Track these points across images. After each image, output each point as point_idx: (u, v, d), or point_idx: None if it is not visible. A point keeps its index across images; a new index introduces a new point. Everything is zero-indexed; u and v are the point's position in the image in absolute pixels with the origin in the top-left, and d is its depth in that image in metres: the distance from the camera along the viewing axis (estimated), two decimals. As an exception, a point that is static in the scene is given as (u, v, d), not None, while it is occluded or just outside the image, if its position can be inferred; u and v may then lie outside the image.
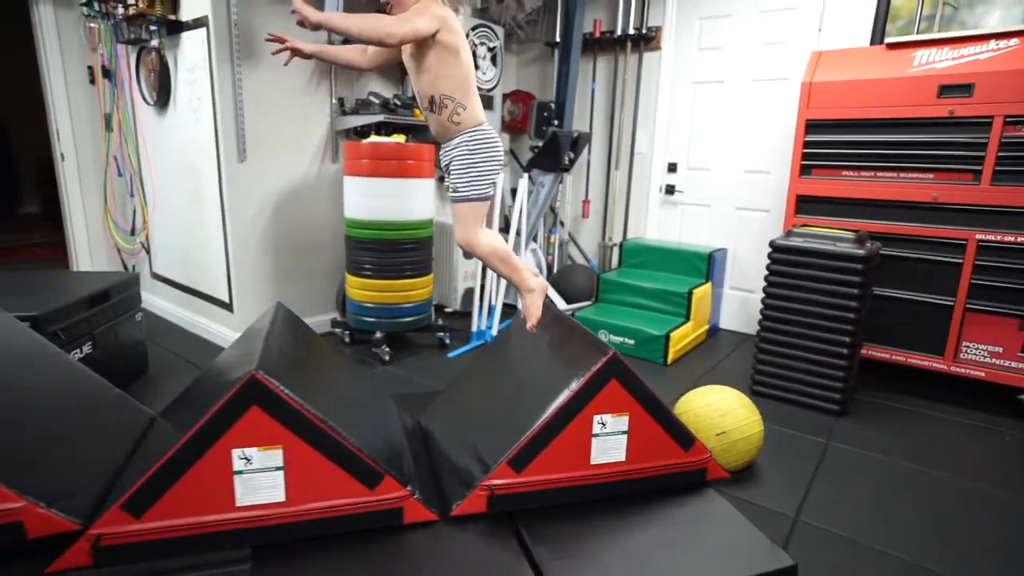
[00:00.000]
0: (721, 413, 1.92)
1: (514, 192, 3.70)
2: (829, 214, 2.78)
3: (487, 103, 3.66)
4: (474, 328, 3.35)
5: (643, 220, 4.05)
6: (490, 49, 3.56)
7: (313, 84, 3.09)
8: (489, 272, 3.47)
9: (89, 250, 4.16)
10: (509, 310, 3.76)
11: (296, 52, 1.71)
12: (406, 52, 1.69)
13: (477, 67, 3.51)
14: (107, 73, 3.40)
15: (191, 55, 2.82)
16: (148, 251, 3.58)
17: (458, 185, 1.70)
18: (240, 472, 1.27)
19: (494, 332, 3.31)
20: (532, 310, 1.75)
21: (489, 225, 2.98)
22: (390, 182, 2.84)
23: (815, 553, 1.57)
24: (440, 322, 3.28)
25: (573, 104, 3.53)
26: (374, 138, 2.98)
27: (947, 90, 2.41)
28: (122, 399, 1.70)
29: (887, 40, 2.67)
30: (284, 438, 1.29)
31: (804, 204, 2.84)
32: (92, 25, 3.44)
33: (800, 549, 1.59)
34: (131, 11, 2.79)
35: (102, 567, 1.21)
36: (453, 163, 1.71)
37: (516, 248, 3.62)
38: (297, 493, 1.32)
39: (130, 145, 3.45)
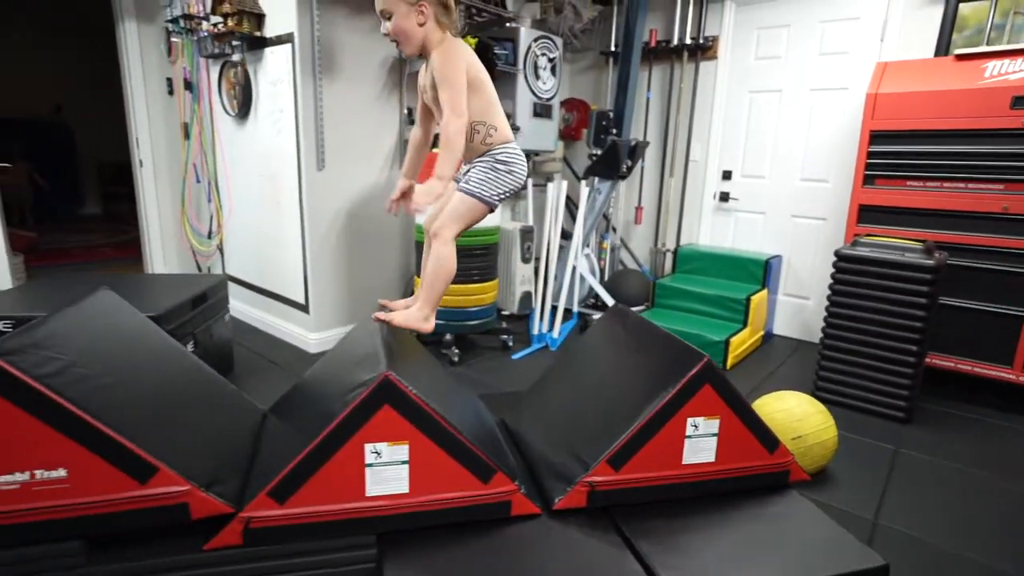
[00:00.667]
0: (797, 418, 1.99)
1: (568, 200, 3.80)
2: (893, 223, 2.81)
3: (546, 112, 3.76)
4: (535, 331, 3.45)
5: (696, 227, 4.11)
6: (550, 60, 3.66)
7: (384, 95, 3.22)
8: (540, 277, 3.57)
9: (162, 251, 4.38)
10: (566, 314, 3.85)
11: (409, 192, 1.80)
12: (428, 95, 1.69)
13: (538, 77, 3.61)
14: (188, 85, 3.59)
15: (273, 69, 2.97)
16: (222, 253, 3.76)
17: (472, 178, 1.69)
18: (371, 465, 1.38)
19: (555, 335, 3.41)
20: (401, 317, 1.74)
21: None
22: (459, 190, 2.96)
23: (898, 555, 1.64)
24: (505, 325, 3.39)
25: (632, 113, 3.61)
26: (436, 150, 3.09)
27: (1021, 101, 2.43)
28: (238, 395, 1.84)
29: (956, 51, 2.69)
30: (411, 435, 1.40)
31: (867, 213, 2.88)
32: (175, 40, 3.63)
33: (883, 551, 1.65)
34: (220, 29, 2.95)
35: (250, 547, 1.34)
36: (476, 166, 1.71)
37: (566, 253, 3.71)
38: (419, 485, 1.43)
39: (208, 153, 3.63)
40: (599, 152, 3.66)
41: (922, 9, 3.01)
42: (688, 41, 3.82)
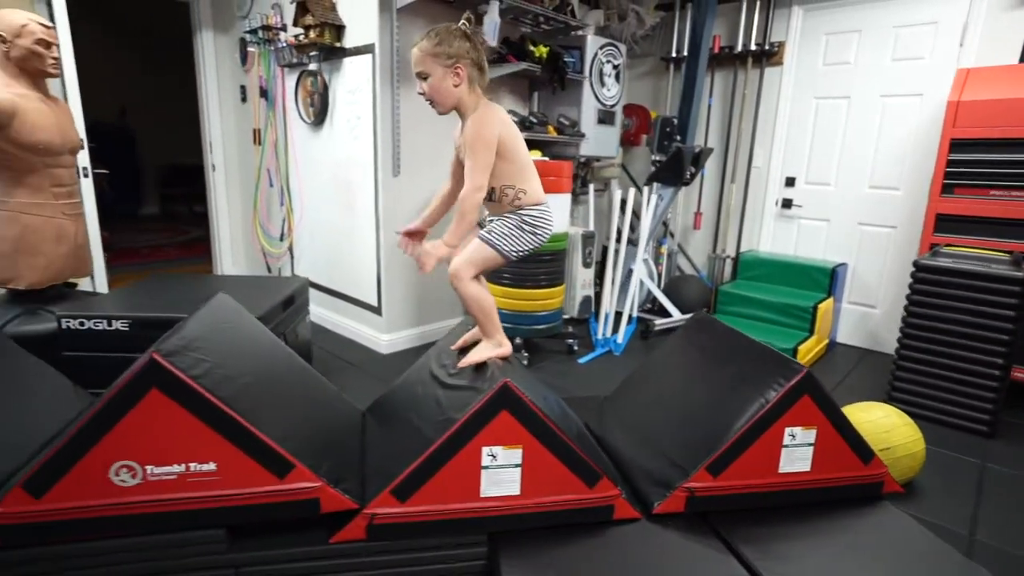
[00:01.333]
0: (885, 429, 1.99)
1: (623, 204, 3.82)
2: (972, 233, 2.77)
3: (609, 118, 3.79)
4: (599, 336, 3.49)
5: (756, 233, 4.09)
6: (614, 67, 3.69)
7: (455, 103, 3.30)
8: (607, 282, 3.61)
9: (231, 252, 4.55)
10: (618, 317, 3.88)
11: (418, 235, 1.80)
12: (462, 153, 1.68)
13: (603, 84, 3.65)
14: (263, 93, 3.72)
15: (352, 78, 3.07)
16: (292, 255, 3.89)
17: (495, 230, 1.66)
18: (486, 467, 1.45)
19: (619, 340, 3.45)
20: (479, 354, 1.69)
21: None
22: (532, 197, 3.01)
23: (998, 571, 1.63)
24: (570, 329, 3.43)
25: (697, 120, 3.62)
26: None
27: (1114, 112, 2.38)
28: (340, 395, 1.93)
29: (1044, 59, 2.65)
30: (525, 439, 1.46)
31: (945, 223, 2.84)
32: (251, 50, 3.77)
33: (983, 566, 1.65)
34: (302, 40, 3.06)
35: (372, 541, 1.42)
36: (502, 219, 1.68)
37: (624, 258, 3.75)
38: (530, 488, 1.49)
39: (281, 159, 3.76)
40: (663, 158, 3.68)
41: (1007, 13, 2.96)
42: (753, 47, 3.80)
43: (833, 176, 3.69)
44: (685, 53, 4.13)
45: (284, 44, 3.37)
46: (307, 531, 1.43)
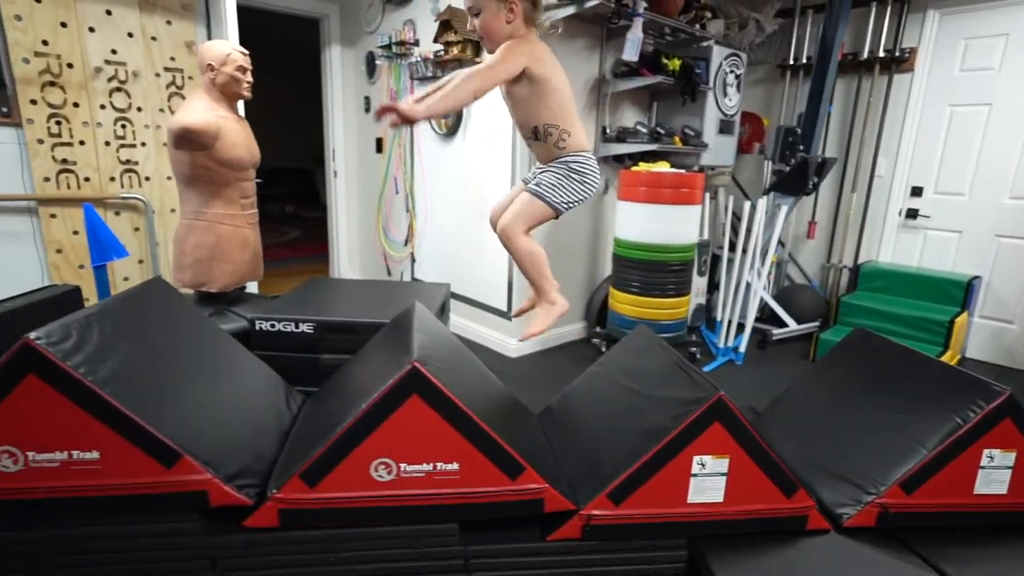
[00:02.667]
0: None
1: (735, 214, 3.82)
2: None
3: (728, 128, 3.80)
4: (720, 344, 3.51)
5: (875, 244, 4.00)
6: (736, 76, 3.70)
7: (584, 114, 3.38)
8: (730, 291, 3.61)
9: (348, 255, 4.78)
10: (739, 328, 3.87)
11: (409, 119, 1.61)
12: (500, 88, 1.68)
13: (725, 94, 3.66)
14: (393, 105, 3.90)
15: (490, 92, 3.19)
16: (413, 259, 4.07)
17: (543, 181, 1.66)
18: (695, 475, 1.52)
19: (742, 349, 3.46)
20: (542, 322, 1.72)
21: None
22: (665, 208, 3.07)
23: None
24: (693, 337, 3.47)
25: (823, 130, 3.58)
26: (643, 166, 3.22)
27: None
28: (516, 400, 2.04)
29: None
30: (732, 450, 1.52)
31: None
32: (380, 63, 3.97)
33: None
34: (443, 56, 3.22)
35: (586, 541, 1.51)
36: (548, 170, 1.68)
37: (740, 268, 3.74)
38: (732, 496, 1.55)
39: (406, 167, 3.94)
40: (784, 168, 3.66)
41: None
42: (881, 54, 3.73)
43: (967, 186, 3.58)
44: (804, 60, 4.10)
45: (419, 59, 3.54)
46: (521, 529, 1.55)
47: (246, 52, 2.42)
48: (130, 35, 3.40)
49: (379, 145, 4.21)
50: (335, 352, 2.30)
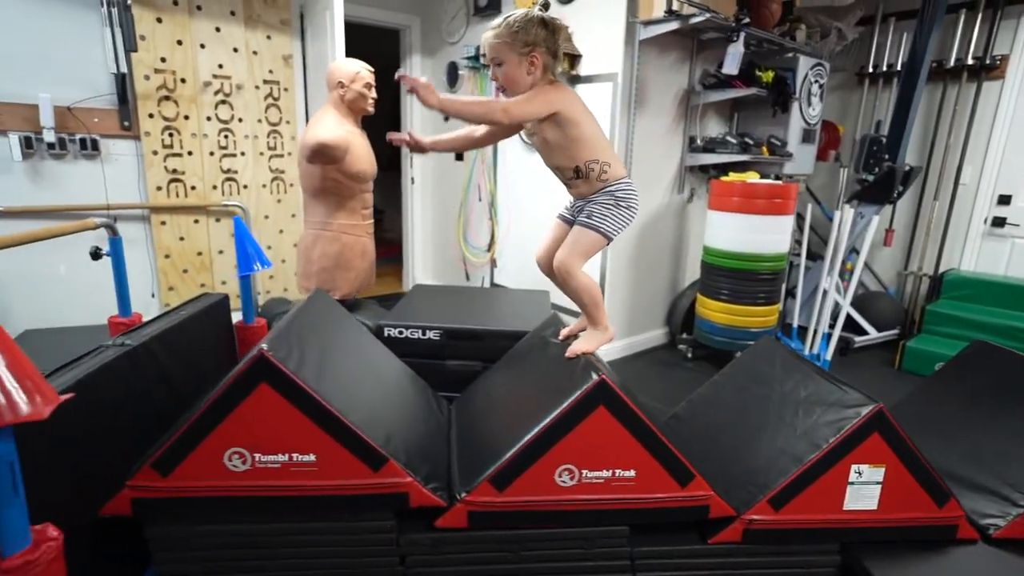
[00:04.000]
0: None
1: (811, 226, 3.83)
2: None
3: (809, 137, 3.82)
4: (806, 351, 3.54)
5: (956, 252, 3.99)
6: (820, 85, 3.72)
7: (673, 126, 3.45)
8: (816, 299, 3.64)
9: (423, 259, 4.91)
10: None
11: (416, 147, 1.82)
12: (526, 130, 1.73)
13: (810, 103, 3.68)
14: (478, 115, 4.01)
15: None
16: (493, 265, 4.16)
17: (595, 213, 1.69)
18: (852, 483, 1.58)
19: (828, 356, 3.48)
20: (590, 344, 1.75)
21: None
22: (758, 218, 3.12)
23: None
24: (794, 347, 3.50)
25: (909, 139, 3.58)
26: (733, 176, 3.27)
27: None
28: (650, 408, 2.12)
29: None
30: (889, 459, 1.58)
31: None
32: (462, 73, 4.08)
33: None
34: (538, 69, 3.30)
35: (745, 544, 1.58)
36: (595, 202, 1.71)
37: (812, 274, 3.75)
38: (886, 504, 1.61)
39: (489, 175, 4.04)
40: (867, 177, 3.67)
41: None
42: (969, 61, 3.71)
43: (1058, 195, 3.56)
44: (884, 68, 4.10)
45: (508, 71, 3.63)
46: (679, 531, 1.63)
47: (372, 70, 2.53)
48: (235, 50, 3.55)
49: (459, 153, 4.32)
50: (460, 358, 2.41)
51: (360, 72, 2.46)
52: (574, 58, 3.26)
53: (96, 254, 2.24)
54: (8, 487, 0.98)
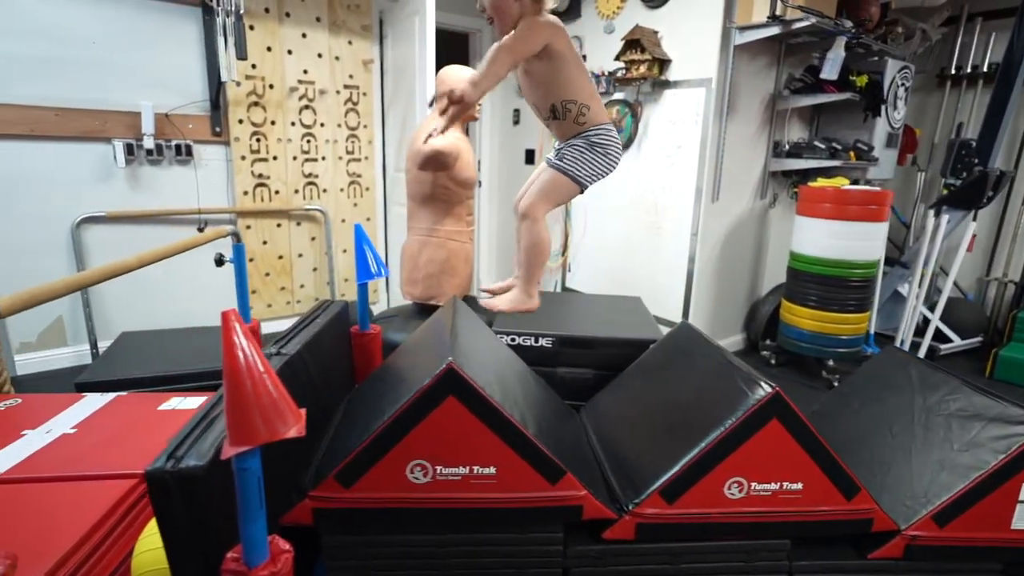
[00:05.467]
0: None
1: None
2: None
3: (892, 141, 3.76)
4: (894, 360, 3.48)
5: (1041, 257, 3.91)
6: (905, 89, 3.66)
7: (757, 130, 3.41)
8: (909, 305, 3.58)
9: (488, 263, 4.92)
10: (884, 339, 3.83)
11: (468, 102, 1.52)
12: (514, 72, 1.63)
13: (895, 107, 3.62)
14: (553, 119, 4.01)
15: (674, 109, 3.26)
16: (566, 270, 4.17)
17: (566, 156, 1.62)
18: (1022, 501, 1.55)
19: (918, 366, 3.42)
20: (511, 303, 1.70)
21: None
22: (851, 225, 3.07)
23: None
24: (869, 351, 3.46)
25: (1002, 143, 3.51)
26: (822, 181, 3.23)
27: None
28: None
29: None
30: (1060, 479, 1.55)
31: None
32: (537, 77, 4.08)
33: None
34: (625, 74, 3.30)
35: (907, 560, 1.56)
36: (570, 145, 1.63)
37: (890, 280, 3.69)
38: (1053, 524, 1.58)
39: (562, 179, 4.03)
40: (955, 182, 3.60)
41: None
42: (1062, 63, 3.63)
43: None
44: (968, 70, 4.02)
45: (596, 74, 3.63)
46: (834, 546, 1.61)
47: (481, 78, 2.54)
48: (319, 56, 3.60)
49: (529, 156, 4.33)
50: (571, 366, 2.41)
51: (470, 80, 2.47)
52: (663, 63, 3.24)
53: (220, 260, 2.29)
54: (255, 501, 1.00)
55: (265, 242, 3.66)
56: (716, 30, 2.99)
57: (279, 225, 3.71)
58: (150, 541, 1.29)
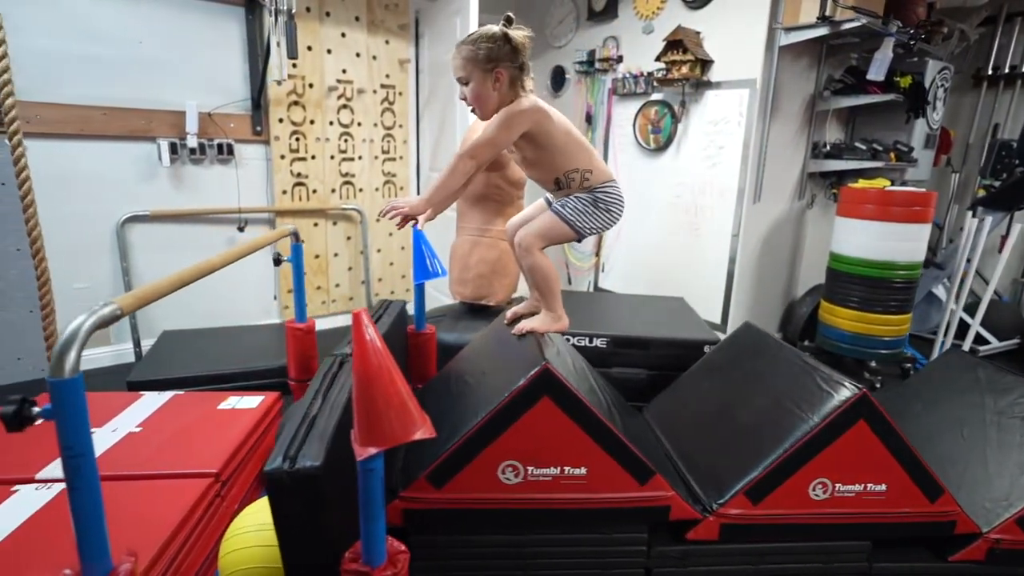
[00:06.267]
0: None
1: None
2: None
3: (930, 142, 3.75)
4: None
5: (1078, 258, 3.89)
6: (945, 89, 3.64)
7: (797, 132, 3.40)
8: (947, 308, 3.57)
9: (516, 262, 4.90)
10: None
11: (413, 216, 1.63)
12: (508, 150, 1.68)
13: (935, 108, 3.61)
14: (588, 118, 4.01)
15: (716, 110, 3.25)
16: (598, 270, 4.16)
17: (569, 206, 1.65)
18: (1105, 505, 1.55)
19: (958, 367, 3.41)
20: (542, 325, 1.70)
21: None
22: (894, 226, 3.06)
23: None
24: (908, 353, 3.45)
25: (1044, 144, 3.50)
26: (863, 183, 3.22)
27: None
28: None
29: None
30: None
31: None
32: (569, 77, 4.08)
33: None
34: (666, 75, 3.29)
35: (989, 564, 1.56)
36: (576, 197, 1.66)
37: (936, 283, 3.69)
38: None
39: (596, 179, 4.03)
40: (994, 183, 3.59)
41: None
42: (1102, 64, 3.62)
43: None
44: (1006, 70, 4.00)
45: (626, 75, 3.62)
46: (912, 548, 1.61)
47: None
48: (357, 55, 3.61)
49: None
50: (625, 366, 2.42)
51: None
52: (704, 63, 3.24)
53: (278, 259, 2.30)
54: (378, 501, 1.01)
55: (302, 241, 3.66)
56: (761, 31, 2.98)
57: (316, 224, 3.72)
58: (238, 540, 1.30)
